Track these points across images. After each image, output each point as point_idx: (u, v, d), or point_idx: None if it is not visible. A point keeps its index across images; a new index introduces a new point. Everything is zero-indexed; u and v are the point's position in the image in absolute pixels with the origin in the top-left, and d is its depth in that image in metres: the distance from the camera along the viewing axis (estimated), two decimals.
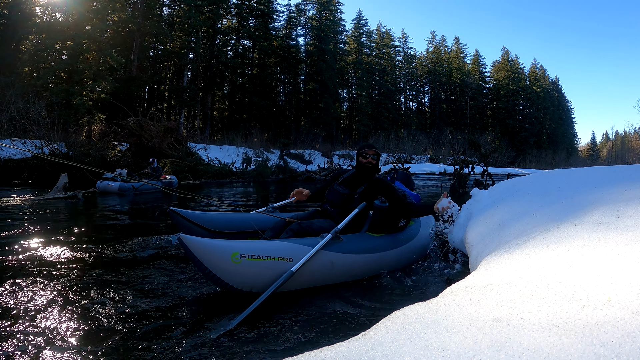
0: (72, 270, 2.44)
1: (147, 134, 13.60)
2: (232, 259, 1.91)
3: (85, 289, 2.11)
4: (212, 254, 1.90)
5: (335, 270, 2.23)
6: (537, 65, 54.39)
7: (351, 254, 2.30)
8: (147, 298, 2.03)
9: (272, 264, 1.98)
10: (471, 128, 43.33)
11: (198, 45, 26.80)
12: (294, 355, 0.79)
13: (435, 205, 2.44)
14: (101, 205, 6.28)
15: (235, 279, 1.93)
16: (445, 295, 1.04)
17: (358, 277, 2.40)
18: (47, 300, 1.93)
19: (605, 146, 71.66)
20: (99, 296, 2.02)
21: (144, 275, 2.40)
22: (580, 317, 0.72)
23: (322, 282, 2.23)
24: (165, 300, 2.01)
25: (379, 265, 2.49)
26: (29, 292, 2.02)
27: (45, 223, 4.27)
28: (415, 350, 0.73)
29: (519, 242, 1.45)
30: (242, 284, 1.95)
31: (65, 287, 2.12)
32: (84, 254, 2.84)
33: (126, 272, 2.44)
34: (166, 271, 2.51)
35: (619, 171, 2.06)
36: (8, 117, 13.51)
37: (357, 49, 40.21)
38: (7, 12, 18.79)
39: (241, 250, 1.94)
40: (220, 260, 1.90)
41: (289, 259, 2.03)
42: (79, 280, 2.26)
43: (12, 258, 2.68)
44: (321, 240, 2.20)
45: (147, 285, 2.23)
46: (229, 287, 1.94)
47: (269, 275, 1.97)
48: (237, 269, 1.91)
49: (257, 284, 1.97)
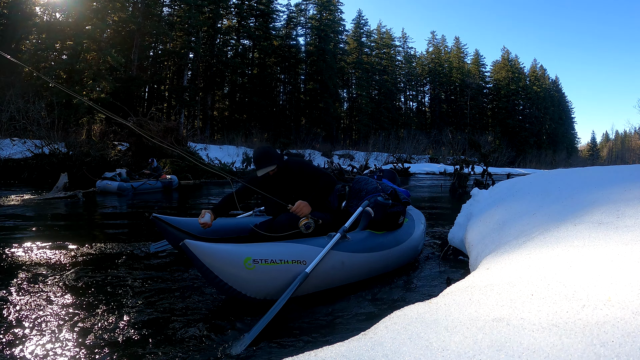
0: (73, 271, 2.43)
1: (147, 133, 13.59)
2: (245, 265, 1.75)
3: (86, 289, 2.11)
4: (223, 260, 1.74)
5: (345, 270, 2.14)
6: (537, 65, 54.41)
7: (360, 253, 2.24)
8: (150, 301, 2.03)
9: (286, 268, 1.84)
10: (471, 128, 43.31)
11: (198, 45, 26.81)
12: (294, 355, 0.79)
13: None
14: (101, 205, 6.28)
15: (249, 286, 1.77)
16: (445, 295, 1.03)
17: (366, 276, 2.35)
18: (47, 301, 1.92)
19: (605, 146, 71.65)
20: (98, 299, 2.01)
21: (145, 277, 2.40)
22: (581, 317, 0.72)
23: (333, 283, 2.13)
24: (168, 305, 2.00)
25: (385, 263, 2.46)
26: (29, 292, 2.02)
27: (45, 223, 4.27)
28: (415, 350, 0.73)
29: (519, 242, 1.45)
30: (256, 292, 1.80)
31: (66, 288, 2.12)
32: (84, 254, 2.84)
33: (127, 274, 2.44)
34: (166, 273, 2.51)
35: (619, 171, 2.06)
36: (8, 116, 13.51)
37: (357, 48, 40.20)
38: (7, 12, 18.79)
39: (253, 254, 1.79)
40: (232, 267, 1.74)
41: (302, 261, 1.91)
42: (79, 280, 2.26)
43: (12, 258, 2.68)
44: (329, 240, 2.11)
45: (149, 287, 2.23)
46: (242, 295, 1.78)
47: (283, 280, 1.83)
48: (250, 275, 1.76)
49: (272, 290, 1.82)
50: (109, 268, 2.52)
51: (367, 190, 2.75)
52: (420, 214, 3.37)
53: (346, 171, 15.60)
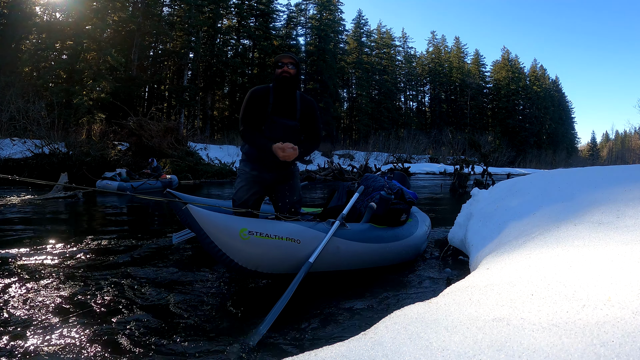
0: (73, 271, 2.44)
1: (147, 133, 13.60)
2: (241, 235, 1.84)
3: (86, 289, 2.11)
4: (220, 227, 1.82)
5: (340, 256, 2.19)
6: (537, 65, 54.42)
7: (356, 242, 2.28)
8: (154, 300, 2.03)
9: (279, 244, 1.93)
10: (471, 128, 43.36)
11: (198, 45, 26.81)
12: (293, 355, 0.79)
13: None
14: (101, 204, 6.28)
15: (242, 256, 1.86)
16: (445, 295, 1.04)
17: (360, 266, 2.37)
18: (47, 301, 1.92)
19: (605, 146, 71.66)
20: (102, 298, 2.01)
21: (146, 277, 2.40)
22: (581, 317, 0.72)
23: (327, 267, 2.17)
24: (173, 303, 2.00)
25: (381, 256, 2.47)
26: (29, 293, 2.02)
27: (45, 223, 4.27)
28: (415, 350, 0.73)
29: (519, 242, 1.45)
30: (247, 262, 1.88)
31: (66, 288, 2.12)
32: (85, 254, 2.84)
33: (129, 274, 2.44)
34: (167, 272, 2.51)
35: (619, 171, 2.07)
36: (8, 116, 13.52)
37: (357, 48, 40.21)
38: (7, 11, 18.79)
39: (249, 226, 1.88)
40: (228, 235, 1.83)
41: (296, 240, 1.98)
42: (79, 281, 2.26)
43: (12, 258, 2.68)
44: (328, 226, 2.17)
45: (151, 287, 2.23)
46: (233, 264, 1.87)
47: (275, 255, 1.93)
48: (244, 245, 1.85)
49: (263, 263, 1.92)
50: (112, 265, 2.52)
51: (374, 187, 2.84)
52: (425, 217, 3.37)
53: (346, 171, 15.58)
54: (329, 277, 2.24)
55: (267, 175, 2.36)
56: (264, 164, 2.33)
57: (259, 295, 2.14)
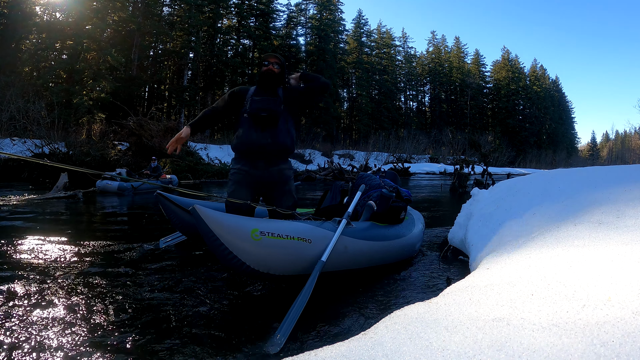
0: (73, 271, 2.43)
1: (147, 133, 13.61)
2: (252, 236, 1.76)
3: (86, 289, 2.11)
4: (231, 229, 1.73)
5: (348, 255, 2.16)
6: (537, 65, 54.44)
7: (363, 240, 2.26)
8: (154, 301, 2.03)
9: (291, 244, 1.86)
10: (471, 128, 43.38)
11: (198, 45, 26.82)
12: (294, 355, 0.79)
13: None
14: (101, 204, 6.28)
15: (254, 258, 1.77)
16: (445, 295, 1.04)
17: (367, 265, 2.36)
18: (47, 301, 1.92)
19: (605, 146, 71.67)
20: (101, 300, 2.01)
21: (146, 277, 2.39)
22: (581, 317, 0.72)
23: (334, 267, 2.13)
24: (176, 306, 2.00)
25: (386, 254, 2.47)
26: (29, 293, 2.02)
27: (45, 223, 4.27)
28: (415, 350, 0.73)
29: (519, 242, 1.45)
30: (259, 265, 1.80)
31: (66, 289, 2.12)
32: (85, 254, 2.84)
33: (130, 274, 2.44)
34: (168, 272, 2.51)
35: (619, 171, 2.07)
36: (8, 116, 13.53)
37: (357, 48, 40.20)
38: (7, 11, 18.80)
39: (261, 227, 1.80)
40: (239, 237, 1.73)
41: (307, 239, 1.92)
42: (79, 281, 2.26)
43: (12, 258, 2.67)
44: (335, 225, 2.14)
45: (151, 287, 2.23)
46: (245, 267, 1.77)
47: (287, 256, 1.86)
48: (256, 247, 1.76)
49: (275, 265, 1.84)
50: (115, 267, 2.52)
51: (370, 186, 2.83)
52: (419, 215, 3.41)
53: (346, 171, 15.60)
54: (335, 277, 2.22)
55: (257, 172, 2.31)
56: (252, 160, 2.30)
57: (264, 298, 2.14)
